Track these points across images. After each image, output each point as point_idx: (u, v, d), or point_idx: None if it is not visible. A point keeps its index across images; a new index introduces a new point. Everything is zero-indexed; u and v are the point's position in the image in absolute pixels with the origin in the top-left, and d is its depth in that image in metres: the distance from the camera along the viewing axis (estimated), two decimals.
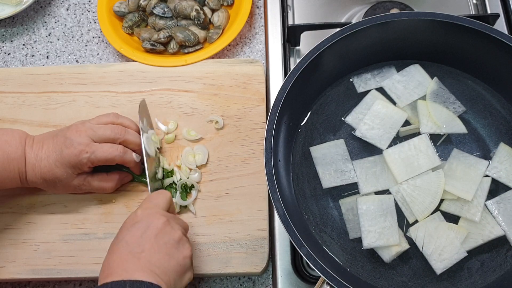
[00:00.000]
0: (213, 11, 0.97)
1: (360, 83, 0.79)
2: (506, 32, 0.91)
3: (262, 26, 0.98)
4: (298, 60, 0.72)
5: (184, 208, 0.80)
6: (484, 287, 0.67)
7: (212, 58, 0.92)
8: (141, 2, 0.97)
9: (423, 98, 0.76)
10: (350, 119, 0.76)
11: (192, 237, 0.78)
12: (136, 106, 0.83)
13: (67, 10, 1.03)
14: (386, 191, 0.71)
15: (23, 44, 1.00)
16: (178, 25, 0.95)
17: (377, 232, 0.68)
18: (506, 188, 0.70)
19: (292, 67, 0.75)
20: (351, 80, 0.79)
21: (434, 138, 0.73)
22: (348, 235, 0.70)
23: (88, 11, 1.02)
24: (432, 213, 0.69)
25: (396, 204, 0.70)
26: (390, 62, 0.79)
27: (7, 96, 0.90)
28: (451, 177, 0.70)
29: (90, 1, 1.03)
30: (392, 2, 0.94)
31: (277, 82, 0.90)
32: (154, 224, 0.65)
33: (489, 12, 0.95)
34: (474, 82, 0.77)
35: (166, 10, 0.96)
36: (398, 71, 0.79)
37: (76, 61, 0.98)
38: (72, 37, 1.00)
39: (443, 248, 0.67)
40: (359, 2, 0.97)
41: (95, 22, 1.01)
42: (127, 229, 0.65)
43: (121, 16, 0.97)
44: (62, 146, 0.74)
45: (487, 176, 0.71)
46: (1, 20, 1.00)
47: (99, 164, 0.76)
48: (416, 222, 0.69)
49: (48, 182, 0.75)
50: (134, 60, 0.92)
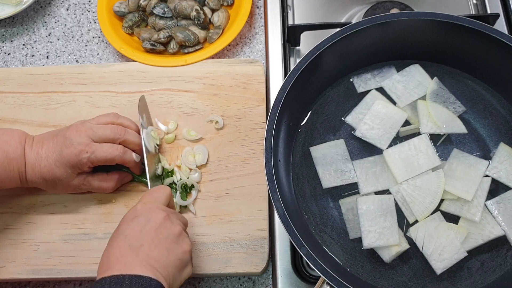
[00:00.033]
0: (213, 11, 0.97)
1: (360, 83, 0.79)
2: (506, 32, 0.91)
3: (262, 26, 0.98)
4: (298, 60, 0.72)
5: (184, 208, 0.80)
6: (484, 287, 0.67)
7: (212, 58, 0.92)
8: (141, 2, 0.97)
9: (423, 98, 0.76)
10: (350, 119, 0.76)
11: (192, 237, 0.78)
12: (136, 106, 0.83)
13: (67, 10, 1.03)
14: (386, 191, 0.71)
15: (23, 44, 1.00)
16: (178, 25, 0.95)
17: (377, 232, 0.68)
18: (506, 188, 0.70)
19: (292, 67, 0.75)
20: (351, 80, 0.79)
21: (434, 138, 0.73)
22: (348, 235, 0.70)
23: (88, 11, 1.02)
24: (432, 213, 0.69)
25: (396, 204, 0.70)
26: (390, 62, 0.79)
27: (7, 96, 0.90)
28: (451, 177, 0.70)
29: (90, 1, 1.03)
30: (392, 2, 0.94)
31: (277, 82, 0.90)
32: (154, 219, 0.65)
33: (489, 12, 0.95)
34: (474, 82, 0.77)
35: (166, 10, 0.96)
36: (398, 71, 0.79)
37: (76, 61, 0.98)
38: (72, 37, 1.00)
39: (443, 248, 0.67)
40: (359, 2, 0.97)
41: (95, 22, 1.01)
42: (126, 223, 0.65)
43: (121, 16, 0.97)
44: (62, 146, 0.74)
45: (487, 176, 0.70)
46: (1, 20, 1.00)
47: (99, 164, 0.76)
48: (416, 222, 0.69)
49: (48, 182, 0.75)
50: (134, 60, 0.92)
